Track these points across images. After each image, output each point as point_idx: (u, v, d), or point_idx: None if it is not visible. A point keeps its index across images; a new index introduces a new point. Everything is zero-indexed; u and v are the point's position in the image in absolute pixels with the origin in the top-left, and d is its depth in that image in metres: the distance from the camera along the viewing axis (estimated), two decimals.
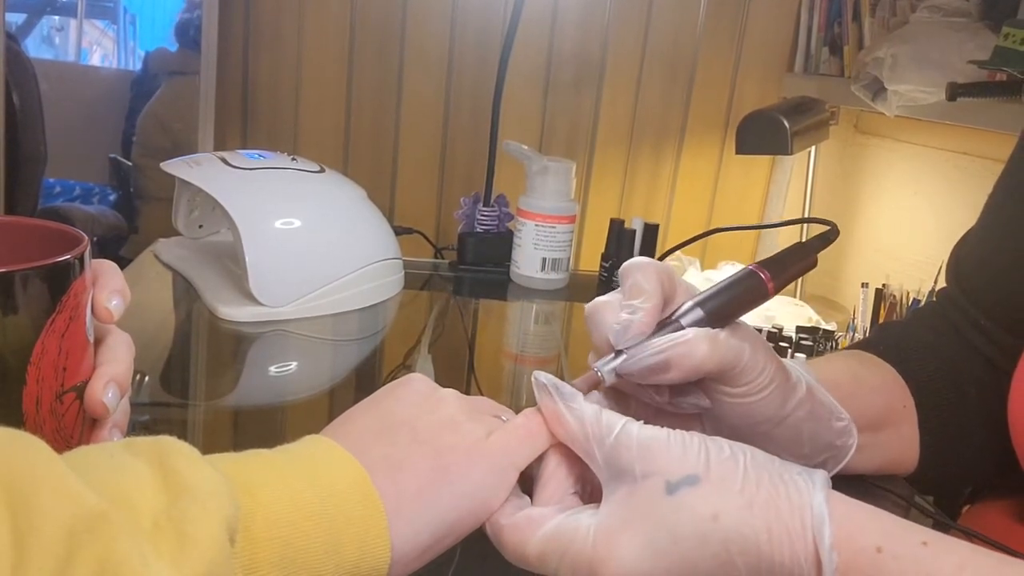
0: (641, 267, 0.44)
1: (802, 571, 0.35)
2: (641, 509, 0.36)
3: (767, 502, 0.36)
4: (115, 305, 0.40)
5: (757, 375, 0.44)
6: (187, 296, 0.91)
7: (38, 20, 1.74)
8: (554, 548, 0.37)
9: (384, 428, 0.40)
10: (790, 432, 0.48)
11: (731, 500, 0.36)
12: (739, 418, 0.46)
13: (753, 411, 0.46)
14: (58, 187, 1.70)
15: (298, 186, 0.90)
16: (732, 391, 0.45)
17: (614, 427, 0.38)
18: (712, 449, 0.37)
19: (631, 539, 0.36)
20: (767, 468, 0.37)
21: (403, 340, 0.91)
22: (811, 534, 0.35)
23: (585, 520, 0.38)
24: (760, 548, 0.35)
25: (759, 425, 0.47)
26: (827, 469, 0.50)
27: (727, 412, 0.46)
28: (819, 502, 0.36)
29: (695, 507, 0.36)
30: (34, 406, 0.37)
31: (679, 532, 0.36)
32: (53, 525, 0.25)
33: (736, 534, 0.35)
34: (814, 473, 0.37)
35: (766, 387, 0.45)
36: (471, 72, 1.47)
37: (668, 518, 0.36)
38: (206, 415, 0.68)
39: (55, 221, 0.41)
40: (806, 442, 0.49)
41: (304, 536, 0.33)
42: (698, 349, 0.42)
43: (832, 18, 1.45)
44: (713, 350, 0.42)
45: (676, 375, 0.42)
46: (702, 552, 0.35)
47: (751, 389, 0.45)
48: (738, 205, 1.62)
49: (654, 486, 0.37)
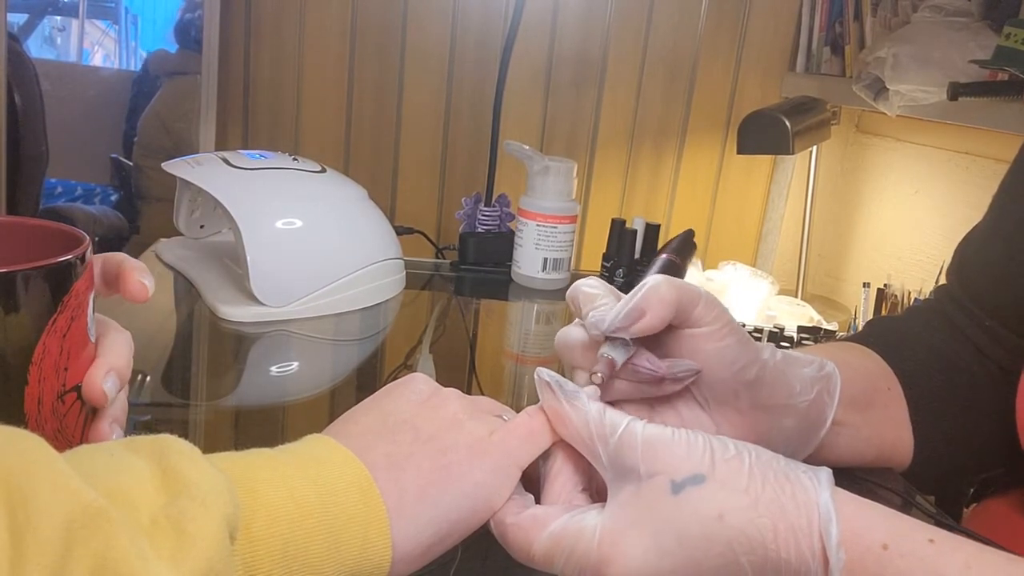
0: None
1: (809, 570, 0.35)
2: (646, 509, 0.36)
3: (772, 500, 0.36)
4: (149, 282, 0.41)
5: (718, 309, 0.45)
6: (188, 296, 0.91)
7: (40, 20, 1.74)
8: (560, 548, 0.37)
9: (386, 427, 0.40)
10: (776, 374, 0.48)
11: (737, 499, 0.36)
12: (724, 368, 0.46)
13: (732, 354, 0.46)
14: (59, 187, 1.70)
15: (299, 186, 0.90)
16: (703, 331, 0.45)
17: (618, 426, 0.38)
18: (717, 448, 0.37)
19: (636, 539, 0.36)
20: (772, 466, 0.37)
21: (404, 340, 0.91)
22: (818, 532, 0.35)
23: (591, 520, 0.37)
24: (766, 547, 0.35)
25: (744, 370, 0.46)
26: (824, 401, 0.51)
27: (712, 365, 0.46)
28: (825, 500, 0.36)
29: (700, 507, 0.36)
30: (36, 406, 0.37)
31: (684, 532, 0.36)
32: (51, 521, 0.25)
33: (741, 534, 0.35)
34: (819, 471, 0.37)
35: (730, 323, 0.46)
36: (472, 72, 1.47)
37: (673, 518, 0.36)
38: (207, 415, 0.68)
39: (56, 221, 0.41)
40: (794, 381, 0.49)
41: (305, 534, 0.33)
42: (661, 286, 0.44)
43: (833, 18, 1.45)
44: (672, 284, 0.44)
45: (651, 318, 0.43)
46: (708, 552, 0.35)
47: (716, 320, 0.45)
48: (739, 205, 1.62)
49: (659, 485, 0.37)
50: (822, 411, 0.51)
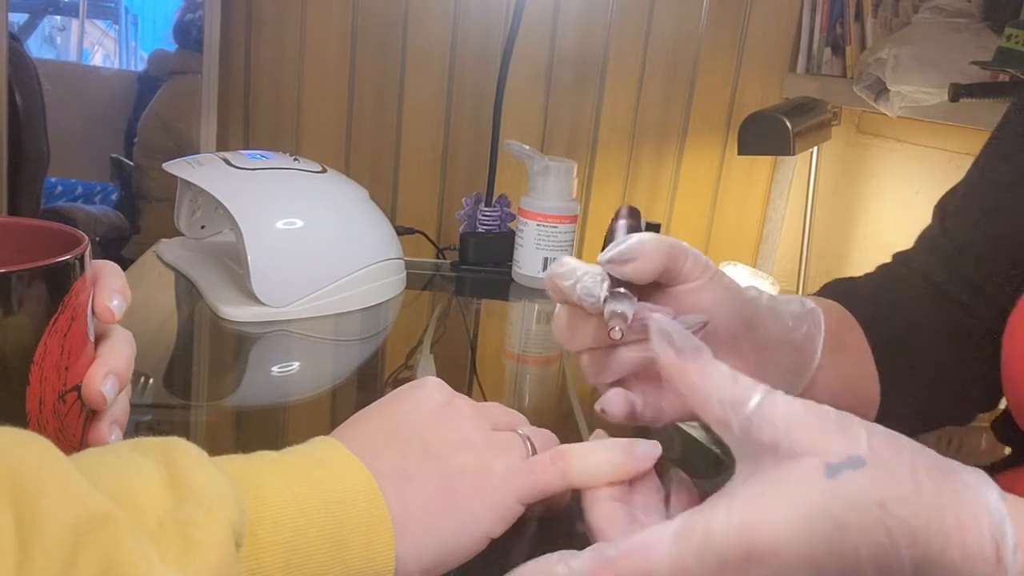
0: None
1: (974, 570, 0.32)
2: (796, 491, 0.33)
3: (937, 492, 0.32)
4: (116, 305, 0.40)
5: (704, 260, 0.46)
6: (189, 296, 0.91)
7: (40, 20, 1.74)
8: (690, 550, 0.33)
9: (396, 435, 0.40)
10: (768, 312, 0.49)
11: (900, 487, 0.32)
12: (724, 315, 0.46)
13: (727, 301, 0.47)
14: (60, 187, 1.70)
15: (300, 186, 0.90)
16: (695, 284, 0.46)
17: (753, 394, 0.35)
18: (872, 429, 0.34)
19: (788, 524, 0.32)
20: (931, 456, 0.34)
21: (405, 340, 0.91)
22: (987, 532, 0.32)
23: (719, 512, 0.33)
24: (930, 540, 0.32)
25: (741, 312, 0.47)
26: (813, 335, 0.51)
27: (712, 315, 0.46)
28: (995, 498, 0.33)
29: (860, 492, 0.32)
30: (37, 406, 0.37)
31: (842, 518, 0.32)
32: (58, 525, 0.25)
33: (904, 524, 0.32)
34: (976, 470, 0.34)
35: (717, 272, 0.46)
36: (473, 72, 1.47)
37: (829, 503, 0.32)
38: (208, 415, 0.68)
39: (57, 221, 0.41)
40: (786, 317, 0.50)
41: (309, 542, 0.33)
42: (648, 238, 0.44)
43: (834, 18, 1.45)
44: (659, 238, 0.45)
45: (643, 262, 0.44)
46: (865, 539, 0.32)
47: (706, 272, 0.46)
48: (740, 205, 1.62)
49: (811, 467, 0.33)
50: (813, 344, 0.51)
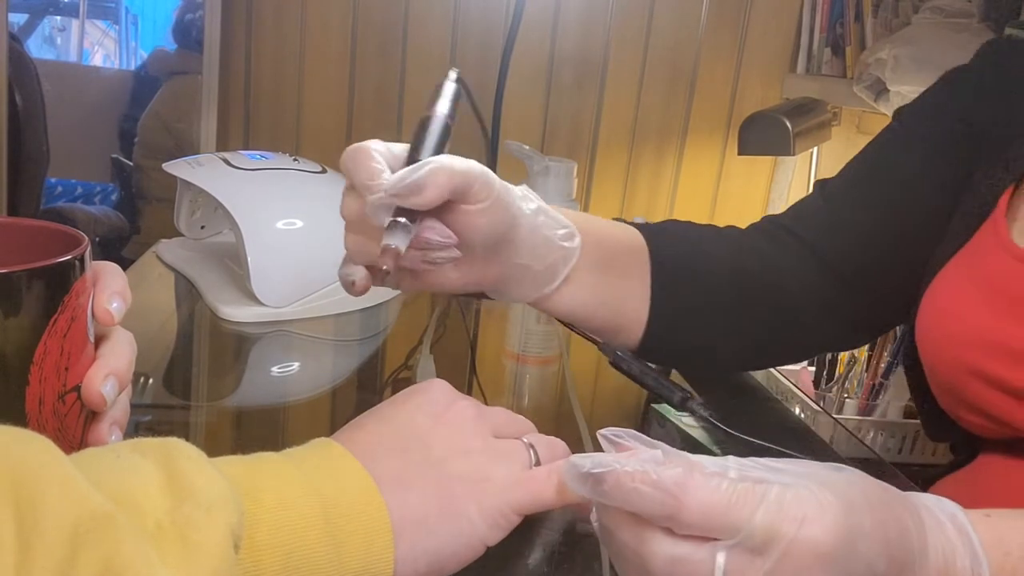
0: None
1: None
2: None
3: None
4: (116, 307, 0.40)
5: (491, 186, 0.51)
6: (189, 297, 0.91)
7: (40, 20, 1.74)
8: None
9: (397, 440, 0.40)
10: (525, 232, 0.55)
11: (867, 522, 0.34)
12: (488, 235, 0.52)
13: (498, 223, 0.52)
14: (60, 187, 1.70)
15: (300, 186, 0.90)
16: (477, 207, 0.50)
17: (763, 486, 0.33)
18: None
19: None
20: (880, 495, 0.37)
21: (405, 340, 0.91)
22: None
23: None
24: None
25: (508, 233, 0.53)
26: (558, 269, 0.58)
27: (477, 236, 0.51)
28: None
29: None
30: (37, 406, 0.37)
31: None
32: (58, 525, 0.25)
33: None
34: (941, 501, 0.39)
35: (499, 197, 0.51)
36: (473, 72, 1.47)
37: None
38: (208, 416, 0.68)
39: (57, 221, 0.41)
40: (540, 243, 0.56)
41: (307, 545, 0.33)
42: (443, 170, 0.48)
43: (834, 19, 1.45)
44: (455, 170, 0.49)
45: (429, 194, 0.47)
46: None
47: (489, 198, 0.51)
48: (740, 205, 1.62)
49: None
50: (555, 272, 0.58)
